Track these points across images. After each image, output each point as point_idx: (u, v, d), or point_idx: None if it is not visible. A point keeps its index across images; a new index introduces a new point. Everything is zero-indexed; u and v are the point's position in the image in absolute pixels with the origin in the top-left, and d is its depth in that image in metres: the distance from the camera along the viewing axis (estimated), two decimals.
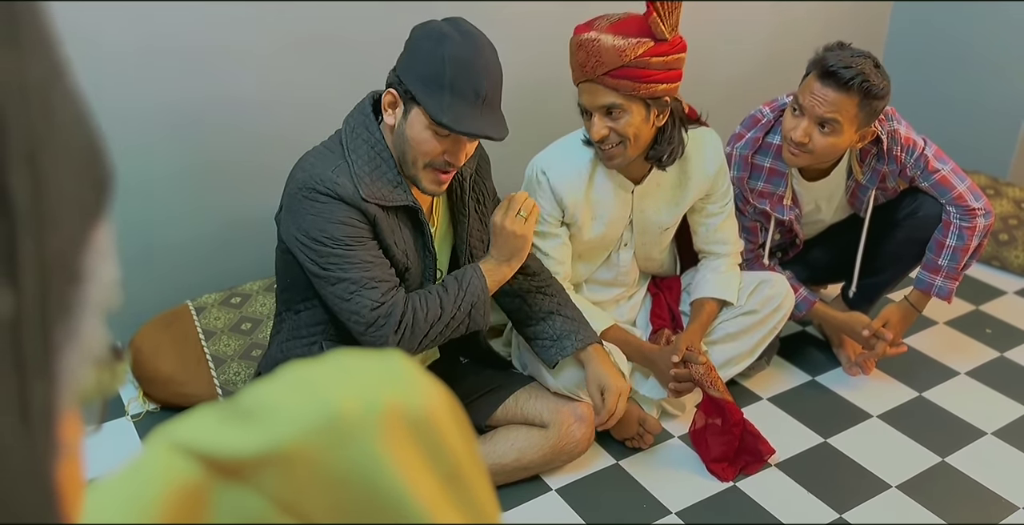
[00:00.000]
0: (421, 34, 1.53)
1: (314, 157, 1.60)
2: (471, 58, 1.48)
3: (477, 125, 1.50)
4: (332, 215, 1.54)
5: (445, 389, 0.48)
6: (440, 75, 1.48)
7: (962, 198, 2.04)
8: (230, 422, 0.44)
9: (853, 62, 1.83)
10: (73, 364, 0.30)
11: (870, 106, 1.86)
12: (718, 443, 1.90)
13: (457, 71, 1.47)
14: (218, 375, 2.04)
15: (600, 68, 1.69)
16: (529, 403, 1.88)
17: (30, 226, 0.26)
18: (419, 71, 1.50)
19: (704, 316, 2.05)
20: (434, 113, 1.49)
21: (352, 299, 1.56)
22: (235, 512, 0.43)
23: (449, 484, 0.46)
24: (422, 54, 1.51)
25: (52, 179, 0.28)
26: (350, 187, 1.54)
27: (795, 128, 1.91)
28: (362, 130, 1.60)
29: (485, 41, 1.52)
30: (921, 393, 2.20)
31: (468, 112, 1.49)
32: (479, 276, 1.68)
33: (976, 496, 1.86)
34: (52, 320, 0.28)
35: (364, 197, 1.55)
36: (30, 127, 0.27)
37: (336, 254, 1.55)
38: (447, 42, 1.48)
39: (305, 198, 1.55)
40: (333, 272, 1.56)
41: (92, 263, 0.31)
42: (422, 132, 1.53)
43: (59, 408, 0.29)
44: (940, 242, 2.08)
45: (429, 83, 1.49)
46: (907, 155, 2.03)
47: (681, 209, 2.02)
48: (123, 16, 1.90)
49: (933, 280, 2.10)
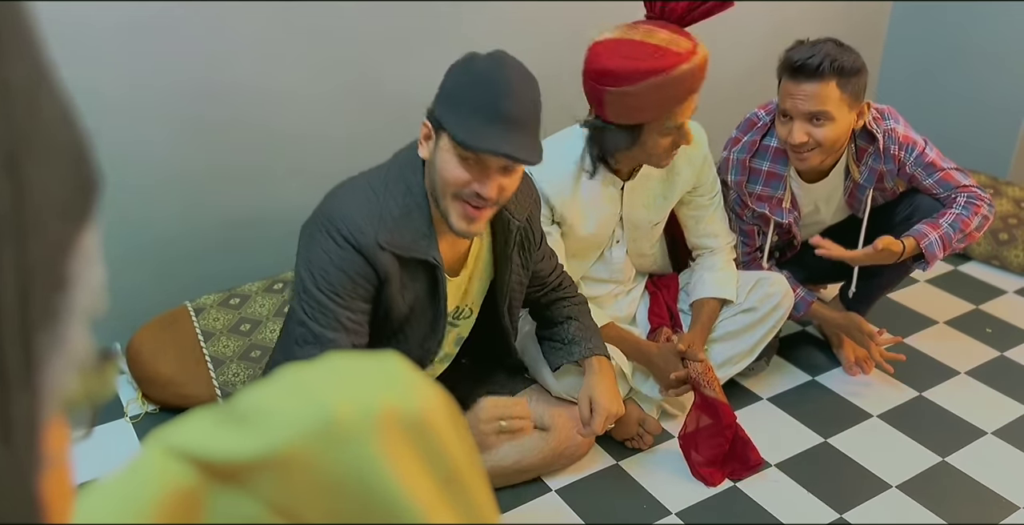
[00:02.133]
0: (454, 64, 1.50)
1: (354, 192, 1.54)
2: (496, 77, 1.43)
3: (497, 143, 1.41)
4: (340, 262, 1.49)
5: (442, 391, 0.48)
6: (462, 93, 1.45)
7: (969, 188, 2.03)
8: (226, 426, 0.44)
9: (815, 50, 1.84)
10: (58, 372, 0.29)
11: (850, 84, 1.86)
12: (708, 445, 1.89)
13: (480, 88, 1.43)
14: (217, 376, 2.04)
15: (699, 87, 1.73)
16: (530, 406, 1.88)
17: (11, 231, 0.26)
18: (446, 94, 1.48)
19: (705, 316, 2.05)
20: (453, 131, 1.43)
21: (304, 349, 1.51)
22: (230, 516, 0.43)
23: (446, 486, 0.46)
24: (450, 79, 1.49)
25: (37, 183, 0.27)
26: (371, 235, 1.49)
27: (790, 133, 1.91)
28: (407, 171, 1.54)
29: (517, 64, 1.47)
30: (921, 393, 2.20)
31: (489, 130, 1.42)
32: None
33: (976, 496, 1.86)
34: (35, 327, 0.28)
35: (381, 244, 1.49)
36: (13, 129, 0.26)
37: (318, 300, 1.50)
38: (473, 63, 1.46)
39: (324, 231, 1.50)
40: (304, 312, 1.51)
41: (78, 268, 0.30)
42: (448, 158, 1.47)
43: (42, 419, 0.28)
44: (943, 212, 2.03)
45: (452, 103, 1.46)
46: (906, 153, 2.02)
47: (670, 203, 2.03)
48: (121, 16, 1.89)
49: (928, 233, 2.00)
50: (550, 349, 1.85)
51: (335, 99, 2.23)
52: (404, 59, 2.25)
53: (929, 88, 3.11)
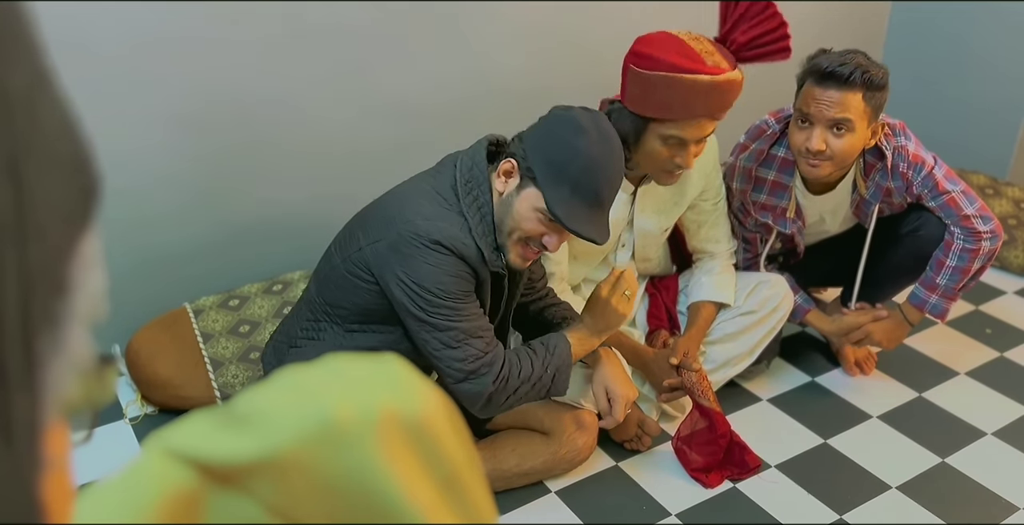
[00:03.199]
0: (560, 118, 1.54)
1: (428, 203, 1.57)
2: (603, 160, 1.50)
3: (588, 228, 1.52)
4: (451, 269, 1.54)
5: (441, 393, 0.48)
6: (568, 167, 1.49)
7: (969, 221, 1.99)
8: (225, 428, 0.44)
9: (846, 59, 1.82)
10: (58, 376, 0.29)
11: (874, 98, 1.83)
12: (703, 453, 1.90)
13: (586, 169, 1.49)
14: (216, 378, 2.03)
15: (728, 105, 1.71)
16: (531, 409, 1.88)
17: (12, 236, 0.26)
18: (548, 156, 1.51)
19: (701, 320, 2.05)
20: (551, 203, 1.50)
21: (460, 347, 1.57)
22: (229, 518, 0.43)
23: (446, 489, 0.46)
24: (556, 139, 1.52)
25: (37, 188, 0.27)
26: (474, 249, 1.56)
27: (808, 138, 1.87)
28: (475, 186, 1.58)
29: (618, 144, 1.54)
30: (921, 394, 2.20)
31: (584, 212, 1.51)
32: (566, 342, 1.69)
33: (976, 497, 1.86)
34: (35, 331, 0.28)
35: (487, 261, 1.58)
36: (14, 135, 0.26)
37: (448, 306, 1.56)
38: (584, 137, 1.50)
39: (425, 247, 1.53)
40: (442, 321, 1.56)
41: (78, 273, 0.30)
42: (531, 212, 1.54)
43: (43, 422, 0.29)
44: (940, 261, 2.03)
45: (555, 171, 1.50)
46: (914, 173, 1.98)
47: (680, 208, 2.02)
48: (119, 17, 1.89)
49: (928, 297, 2.06)
50: None
51: (335, 102, 2.22)
52: (404, 63, 2.25)
53: (929, 89, 3.11)
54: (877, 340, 2.12)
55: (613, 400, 1.78)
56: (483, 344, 1.60)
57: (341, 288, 1.67)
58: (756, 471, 1.92)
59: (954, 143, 3.05)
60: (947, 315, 2.08)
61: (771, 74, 2.93)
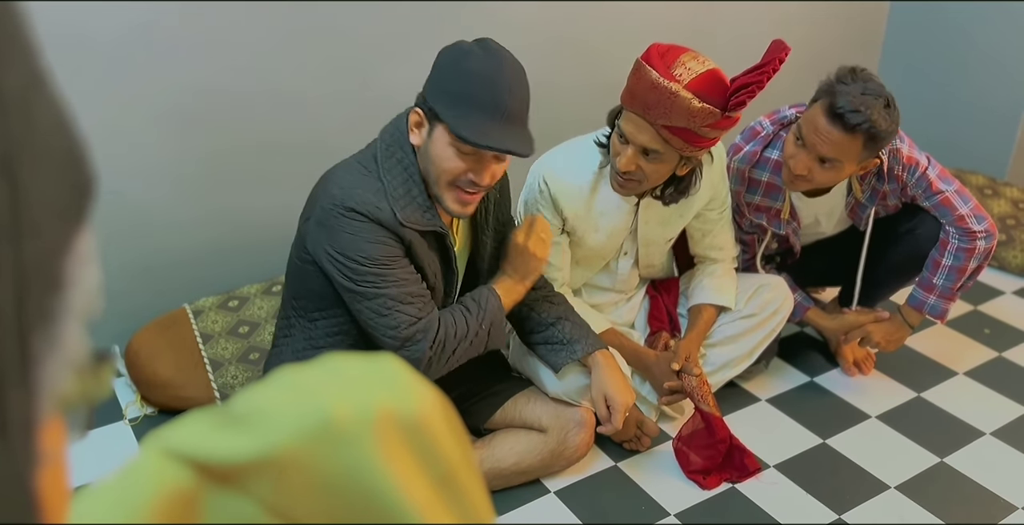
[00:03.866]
0: (446, 53, 1.53)
1: (348, 173, 1.58)
2: (493, 73, 1.47)
3: (497, 139, 1.47)
4: (370, 235, 1.54)
5: (438, 393, 0.48)
6: (462, 89, 1.48)
7: (963, 220, 2.00)
8: (223, 428, 0.44)
9: (863, 104, 1.77)
10: (54, 372, 0.29)
11: (874, 144, 1.83)
12: (702, 455, 1.90)
13: (478, 85, 1.47)
14: (216, 379, 2.03)
15: (663, 119, 1.67)
16: (528, 407, 1.88)
17: (7, 233, 0.26)
18: (442, 87, 1.50)
19: (702, 323, 2.05)
20: (454, 127, 1.47)
21: (390, 314, 1.57)
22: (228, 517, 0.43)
23: (443, 488, 0.46)
24: (445, 71, 1.51)
25: (32, 185, 0.27)
26: (388, 212, 1.54)
27: (795, 158, 1.87)
28: (397, 149, 1.58)
29: (511, 59, 1.51)
30: (920, 393, 2.20)
31: (490, 126, 1.47)
32: (495, 295, 1.69)
33: (975, 496, 1.86)
34: (31, 327, 0.28)
35: (402, 222, 1.56)
36: (9, 133, 0.27)
37: (373, 273, 1.55)
38: (470, 57, 1.49)
39: (342, 215, 1.54)
40: (370, 288, 1.56)
41: (74, 270, 0.30)
42: (445, 149, 1.52)
43: (38, 417, 0.29)
44: (936, 261, 2.04)
45: (451, 98, 1.49)
46: (908, 174, 1.98)
47: (685, 220, 2.02)
48: (118, 20, 1.89)
49: (926, 298, 2.07)
50: (549, 352, 1.85)
51: (334, 102, 2.23)
52: (403, 63, 2.25)
53: (927, 89, 3.11)
54: (876, 341, 2.12)
55: (613, 408, 1.77)
56: (415, 310, 1.58)
57: (298, 277, 1.69)
58: (756, 475, 1.92)
59: (953, 143, 3.05)
60: (946, 316, 2.08)
61: None
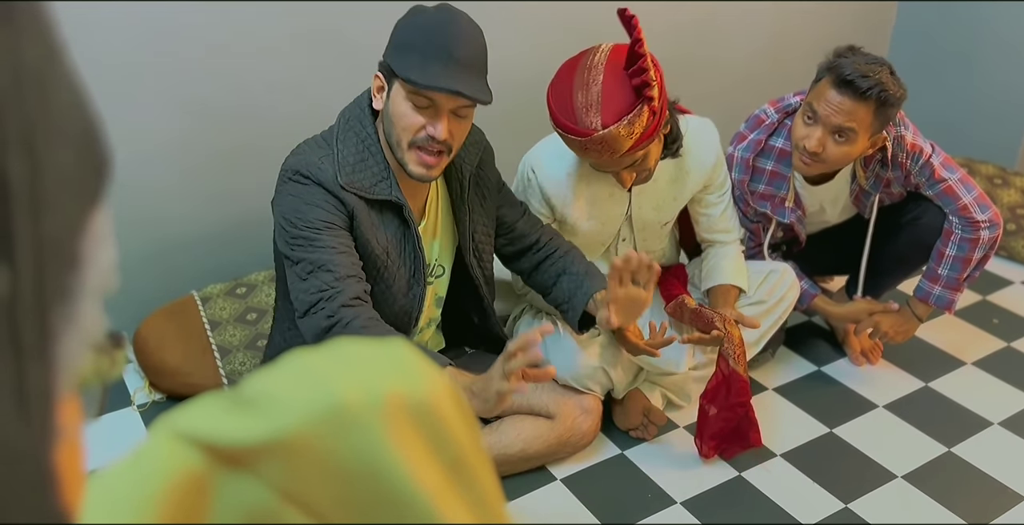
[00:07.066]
0: (402, 17, 1.55)
1: (307, 145, 1.62)
2: (442, 23, 1.49)
3: (448, 81, 1.45)
4: (309, 198, 1.54)
5: (448, 378, 0.48)
6: (411, 39, 1.49)
7: (967, 209, 1.99)
8: (233, 411, 0.44)
9: (870, 70, 1.78)
10: (71, 348, 0.30)
11: (884, 113, 1.82)
12: (719, 418, 1.86)
13: (427, 34, 1.48)
14: (223, 365, 2.04)
15: (618, 154, 1.67)
16: (535, 393, 1.88)
17: (27, 208, 0.26)
18: (394, 43, 1.53)
19: (731, 297, 2.03)
20: (404, 73, 1.47)
21: (307, 279, 1.53)
22: (238, 500, 0.43)
23: (452, 472, 0.46)
24: (399, 29, 1.54)
25: (49, 162, 0.27)
26: (330, 174, 1.55)
27: (808, 137, 1.86)
28: (355, 123, 1.61)
29: (461, 13, 1.52)
30: (927, 383, 2.19)
31: (439, 70, 1.47)
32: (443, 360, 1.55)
33: (982, 486, 1.86)
34: (49, 304, 0.28)
35: (343, 185, 1.55)
36: (26, 109, 0.26)
37: (303, 235, 1.53)
38: (420, 13, 1.52)
39: (289, 180, 1.56)
40: (297, 251, 1.54)
41: (90, 248, 0.30)
42: (401, 105, 1.52)
43: (56, 392, 0.29)
44: (940, 251, 2.04)
45: (402, 51, 1.50)
46: (912, 161, 1.98)
47: (680, 204, 2.01)
48: (131, 8, 1.89)
49: (932, 289, 2.07)
50: (563, 314, 1.85)
51: (343, 94, 2.22)
52: None
53: (936, 78, 3.09)
54: (884, 331, 2.12)
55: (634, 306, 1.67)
56: (332, 278, 1.52)
57: (277, 258, 1.70)
58: (754, 448, 1.90)
59: (962, 133, 3.03)
60: (954, 306, 2.08)
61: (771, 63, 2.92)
